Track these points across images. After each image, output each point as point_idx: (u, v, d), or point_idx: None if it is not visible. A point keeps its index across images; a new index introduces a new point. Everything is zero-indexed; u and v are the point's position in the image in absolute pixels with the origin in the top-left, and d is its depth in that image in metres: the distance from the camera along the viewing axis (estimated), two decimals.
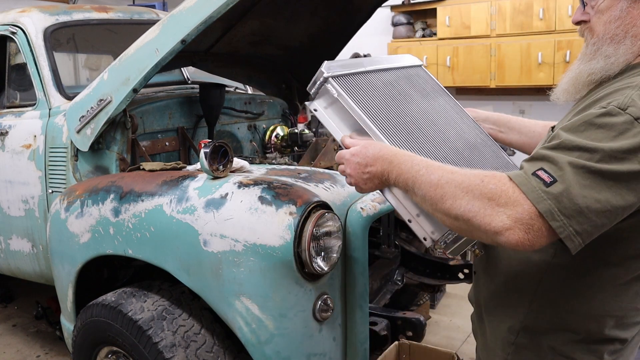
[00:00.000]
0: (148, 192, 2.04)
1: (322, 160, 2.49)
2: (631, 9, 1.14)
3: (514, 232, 0.99)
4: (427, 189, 1.08)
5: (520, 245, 1.00)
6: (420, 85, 1.57)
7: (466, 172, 1.07)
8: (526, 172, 1.03)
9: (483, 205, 1.01)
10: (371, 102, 1.31)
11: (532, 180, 1.00)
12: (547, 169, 1.01)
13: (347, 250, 1.93)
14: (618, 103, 1.03)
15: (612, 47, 1.16)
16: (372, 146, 1.19)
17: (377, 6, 3.02)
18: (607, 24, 1.17)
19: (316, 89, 1.28)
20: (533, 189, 0.99)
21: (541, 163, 1.03)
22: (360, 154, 1.20)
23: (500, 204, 1.00)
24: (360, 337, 1.97)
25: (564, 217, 0.98)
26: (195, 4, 2.05)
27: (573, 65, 1.27)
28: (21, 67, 2.88)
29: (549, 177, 0.99)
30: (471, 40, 6.24)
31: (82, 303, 2.27)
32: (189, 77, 3.38)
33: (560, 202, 0.98)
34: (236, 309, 1.81)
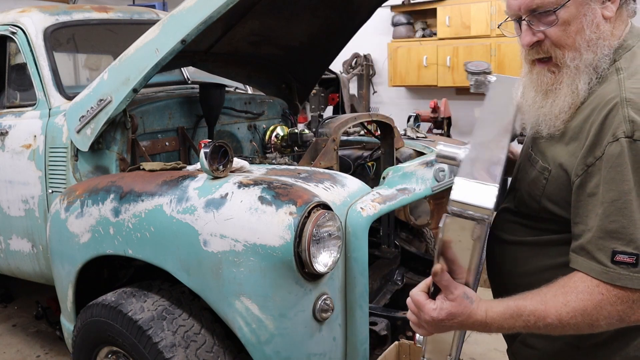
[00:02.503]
0: (148, 192, 2.04)
1: (322, 160, 2.49)
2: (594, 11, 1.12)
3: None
4: (552, 331, 1.07)
5: None
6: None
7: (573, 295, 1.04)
8: (605, 264, 1.02)
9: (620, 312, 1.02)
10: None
11: (621, 271, 1.01)
12: (620, 249, 1.01)
13: (347, 250, 1.93)
14: (624, 132, 1.02)
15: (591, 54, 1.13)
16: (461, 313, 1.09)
17: (377, 6, 3.02)
18: (580, 33, 1.12)
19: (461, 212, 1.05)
20: (630, 278, 1.00)
21: (609, 243, 1.02)
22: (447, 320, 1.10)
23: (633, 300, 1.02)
24: (360, 337, 1.97)
25: None
26: (195, 4, 2.05)
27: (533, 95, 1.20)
28: (21, 67, 2.88)
29: (630, 258, 1.00)
30: (471, 40, 6.24)
31: (82, 303, 2.27)
32: (189, 77, 3.38)
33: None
34: (236, 309, 1.81)
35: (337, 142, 2.55)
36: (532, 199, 1.22)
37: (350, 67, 7.50)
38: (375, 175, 2.94)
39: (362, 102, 7.39)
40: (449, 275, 1.10)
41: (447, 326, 1.13)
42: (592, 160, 1.07)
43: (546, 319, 1.05)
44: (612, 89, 1.10)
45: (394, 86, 7.19)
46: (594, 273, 1.04)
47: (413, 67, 6.75)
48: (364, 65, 7.49)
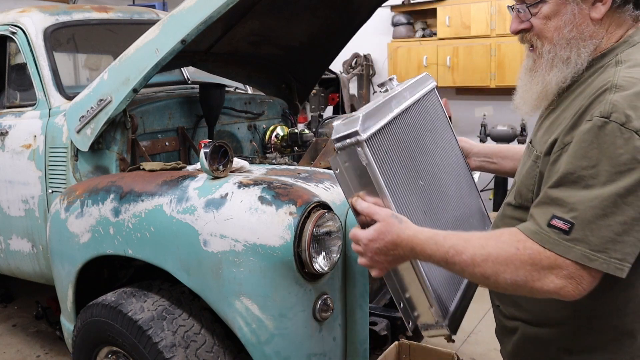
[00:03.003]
0: (148, 192, 2.04)
1: (322, 160, 2.49)
2: (581, 10, 1.14)
3: (567, 288, 1.01)
4: (464, 268, 1.09)
5: (578, 295, 1.01)
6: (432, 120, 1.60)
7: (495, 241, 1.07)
8: (540, 224, 1.03)
9: (528, 273, 1.02)
10: (392, 166, 1.29)
11: (551, 234, 1.01)
12: (559, 215, 1.01)
13: (347, 250, 1.93)
14: (600, 112, 1.02)
15: (573, 52, 1.15)
16: (390, 230, 1.15)
17: (377, 6, 3.02)
18: (558, 30, 1.16)
19: (344, 145, 1.19)
20: (557, 242, 1.00)
21: (551, 208, 1.03)
22: (379, 240, 1.16)
23: (544, 267, 1.01)
24: (360, 337, 1.97)
25: (600, 253, 0.98)
26: (195, 4, 2.05)
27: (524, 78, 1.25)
28: (21, 67, 2.88)
29: (565, 224, 1.00)
30: (471, 40, 6.24)
31: (82, 303, 2.27)
32: (189, 77, 3.38)
33: (589, 242, 0.98)
34: (236, 309, 1.81)
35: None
36: (527, 189, 1.22)
37: (350, 67, 7.50)
38: None
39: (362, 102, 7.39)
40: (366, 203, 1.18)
41: (385, 251, 1.16)
42: (569, 139, 1.07)
43: (461, 255, 1.07)
44: (606, 77, 1.10)
45: None
46: (527, 231, 1.05)
47: (413, 67, 6.75)
48: (364, 65, 7.49)
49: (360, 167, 1.18)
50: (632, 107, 1.00)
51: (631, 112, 0.99)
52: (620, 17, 1.15)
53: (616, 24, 1.15)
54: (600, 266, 0.99)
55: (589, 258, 0.98)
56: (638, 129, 0.98)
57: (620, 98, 1.02)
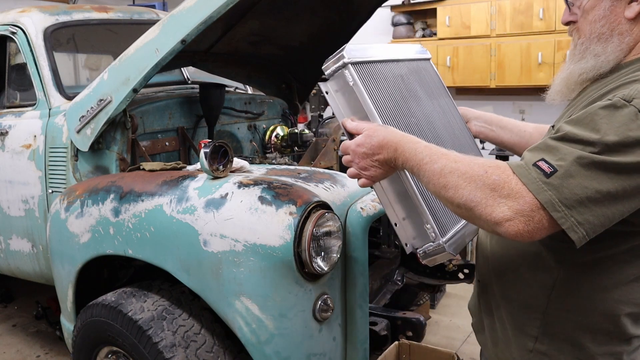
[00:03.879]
0: (148, 192, 2.04)
1: (322, 160, 2.49)
2: (614, 7, 1.16)
3: (513, 223, 0.99)
4: (431, 177, 1.09)
5: (519, 237, 1.00)
6: (426, 81, 1.59)
7: (470, 161, 1.07)
8: (527, 162, 1.03)
9: (485, 195, 1.01)
10: (381, 95, 1.31)
11: (533, 172, 1.01)
12: (548, 160, 1.01)
13: (347, 250, 1.93)
14: (623, 95, 1.02)
15: (600, 46, 1.18)
16: (376, 133, 1.18)
17: (377, 6, 3.02)
18: (592, 24, 1.19)
19: (332, 71, 1.27)
20: (533, 180, 0.99)
21: (543, 153, 1.03)
22: (366, 143, 1.18)
23: (503, 195, 1.00)
24: (360, 337, 1.97)
25: (565, 207, 0.98)
26: (195, 4, 2.05)
27: (564, 65, 1.28)
28: (21, 67, 2.88)
29: (549, 168, 1.00)
30: (471, 40, 6.24)
31: (82, 303, 2.27)
32: (189, 77, 3.38)
33: (561, 192, 0.98)
34: (236, 309, 1.81)
35: (337, 142, 2.55)
36: None
37: None
38: None
39: None
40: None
41: (371, 154, 1.17)
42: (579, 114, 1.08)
43: (433, 164, 1.08)
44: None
45: None
46: (512, 164, 1.04)
47: None
48: None
49: (348, 89, 1.23)
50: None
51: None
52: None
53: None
54: (560, 219, 0.98)
55: (553, 206, 0.98)
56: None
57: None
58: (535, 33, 5.79)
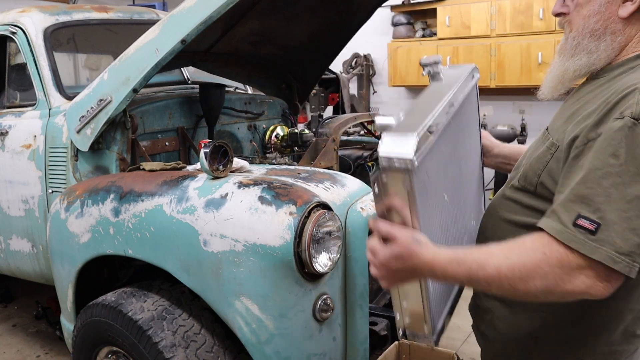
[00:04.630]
0: (148, 192, 2.04)
1: (322, 160, 2.49)
2: (609, 4, 1.15)
3: (596, 288, 1.01)
4: (490, 283, 1.07)
5: (608, 293, 1.02)
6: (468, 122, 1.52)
7: (518, 249, 1.06)
8: (566, 224, 1.03)
9: (557, 276, 1.02)
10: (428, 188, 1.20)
11: (578, 234, 1.01)
12: (585, 214, 1.01)
13: (347, 250, 1.93)
14: (632, 112, 1.02)
15: (593, 43, 1.17)
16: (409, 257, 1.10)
17: (377, 6, 3.02)
18: (586, 18, 1.18)
19: (390, 165, 1.07)
20: (583, 243, 1.00)
21: (577, 207, 1.02)
22: (398, 263, 1.11)
23: (573, 267, 1.01)
24: (360, 337, 1.97)
25: (625, 256, 0.99)
26: (195, 4, 2.05)
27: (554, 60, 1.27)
28: (21, 67, 2.88)
29: (591, 224, 1.00)
30: (471, 40, 6.24)
31: (82, 303, 2.27)
32: (189, 77, 3.38)
33: (614, 244, 0.99)
34: (236, 309, 1.81)
35: (337, 142, 2.55)
36: (534, 173, 1.22)
37: (350, 67, 7.49)
38: None
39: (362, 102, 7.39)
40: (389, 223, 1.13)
41: (402, 273, 1.13)
42: (594, 135, 1.06)
43: (486, 269, 1.05)
44: (638, 76, 1.10)
45: (394, 86, 7.19)
46: (552, 230, 1.04)
47: (413, 67, 6.75)
48: (364, 65, 7.49)
49: (400, 191, 1.10)
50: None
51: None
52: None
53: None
54: (624, 269, 0.99)
55: (613, 260, 0.99)
56: None
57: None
58: (535, 33, 5.79)
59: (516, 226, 1.27)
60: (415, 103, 1.28)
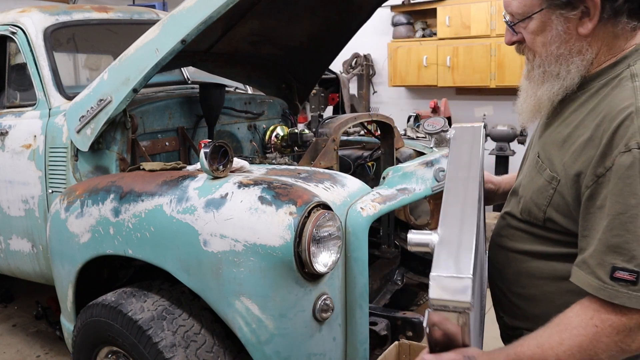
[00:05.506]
0: (148, 192, 2.04)
1: (322, 160, 2.49)
2: (568, 27, 1.12)
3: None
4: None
5: None
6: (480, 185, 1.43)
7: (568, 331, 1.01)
8: (603, 279, 0.98)
9: (620, 342, 0.97)
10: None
11: (619, 288, 0.96)
12: (620, 265, 0.97)
13: (347, 250, 1.93)
14: (638, 143, 0.98)
15: (561, 67, 1.15)
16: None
17: (377, 6, 3.02)
18: (546, 46, 1.15)
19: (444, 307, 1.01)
20: (628, 296, 0.95)
21: (609, 258, 0.98)
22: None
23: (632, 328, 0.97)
24: (360, 337, 1.97)
25: None
26: (195, 4, 2.05)
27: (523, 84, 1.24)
28: (21, 67, 2.88)
29: (630, 275, 0.95)
30: (471, 40, 6.24)
31: (82, 303, 2.27)
32: (189, 77, 3.38)
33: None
34: (236, 309, 1.81)
35: (337, 142, 2.55)
36: (538, 208, 1.18)
37: (350, 67, 7.49)
38: (375, 175, 2.94)
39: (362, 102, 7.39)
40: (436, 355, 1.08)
41: None
42: (602, 170, 1.03)
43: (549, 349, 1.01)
44: (626, 97, 1.06)
45: (394, 86, 7.19)
46: (590, 288, 1.01)
47: (413, 67, 6.75)
48: (364, 65, 7.49)
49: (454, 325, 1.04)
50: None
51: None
52: (615, 30, 1.12)
53: (612, 36, 1.13)
54: None
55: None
56: None
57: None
58: None
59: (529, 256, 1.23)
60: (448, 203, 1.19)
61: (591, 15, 1.10)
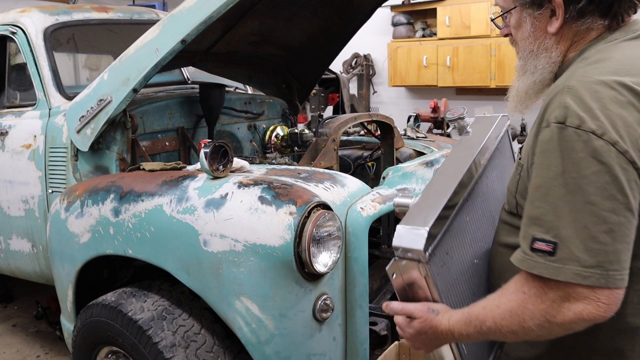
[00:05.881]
0: (148, 192, 2.04)
1: (322, 160, 2.49)
2: (538, 24, 1.17)
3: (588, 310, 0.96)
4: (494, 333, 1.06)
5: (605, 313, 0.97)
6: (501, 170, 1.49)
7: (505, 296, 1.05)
8: (525, 251, 1.01)
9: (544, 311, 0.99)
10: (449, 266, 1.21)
11: (537, 259, 0.98)
12: (539, 236, 0.99)
13: (347, 250, 1.93)
14: (556, 117, 1.00)
15: (532, 62, 1.20)
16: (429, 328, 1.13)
17: (377, 6, 3.02)
18: (523, 40, 1.21)
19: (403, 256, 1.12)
20: (547, 267, 0.97)
21: (530, 230, 1.01)
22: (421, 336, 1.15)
23: (555, 298, 0.98)
24: (360, 337, 1.97)
25: (594, 269, 0.94)
26: (195, 4, 2.05)
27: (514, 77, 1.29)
28: (21, 67, 2.88)
29: (547, 245, 0.97)
30: (471, 40, 6.25)
31: (82, 303, 2.27)
32: (189, 77, 3.38)
33: (578, 259, 0.95)
34: (236, 309, 1.81)
35: (337, 142, 2.55)
36: (511, 194, 1.21)
37: (350, 67, 7.50)
38: (375, 175, 2.94)
39: (362, 102, 7.39)
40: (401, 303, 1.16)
41: (429, 342, 1.16)
42: (534, 148, 1.06)
43: (486, 322, 1.05)
44: (563, 78, 1.10)
45: (394, 86, 7.19)
46: (516, 261, 1.03)
47: (413, 67, 6.76)
48: (364, 65, 7.49)
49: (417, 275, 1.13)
50: (584, 108, 0.98)
51: (584, 114, 0.97)
52: (581, 29, 1.15)
53: (581, 35, 1.15)
54: (598, 282, 0.94)
55: (582, 276, 0.94)
56: (594, 129, 0.95)
57: (571, 101, 1.00)
58: None
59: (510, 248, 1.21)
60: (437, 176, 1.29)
61: (557, 15, 1.14)
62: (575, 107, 0.98)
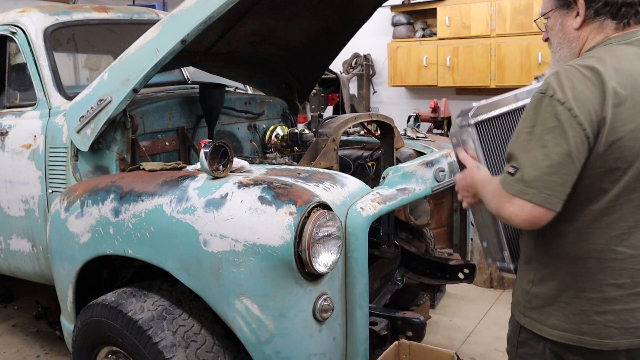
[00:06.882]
0: (148, 192, 2.04)
1: (322, 160, 2.49)
2: (565, 22, 1.52)
3: (515, 214, 1.37)
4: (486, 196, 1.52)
5: (527, 222, 1.37)
6: None
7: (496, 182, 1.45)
8: (504, 173, 1.41)
9: (498, 202, 1.43)
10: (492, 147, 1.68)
11: (506, 177, 1.39)
12: (511, 164, 1.39)
13: (347, 250, 1.93)
14: (540, 89, 1.39)
15: (560, 53, 1.56)
16: (469, 175, 1.60)
17: (377, 6, 3.02)
18: (554, 37, 1.57)
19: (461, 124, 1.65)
20: (506, 182, 1.39)
21: (510, 161, 1.41)
22: (463, 180, 1.63)
23: (504, 198, 1.40)
24: (360, 337, 1.97)
25: (531, 188, 1.34)
26: (195, 4, 2.05)
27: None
28: (21, 67, 2.88)
29: (513, 169, 1.38)
30: (471, 40, 6.24)
31: (82, 303, 2.27)
32: (189, 77, 3.37)
33: (525, 181, 1.35)
34: (236, 309, 1.81)
35: (337, 142, 2.55)
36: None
37: (350, 67, 7.49)
38: (375, 175, 2.94)
39: (362, 102, 7.39)
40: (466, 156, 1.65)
41: (466, 187, 1.62)
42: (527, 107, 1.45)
43: (487, 186, 1.51)
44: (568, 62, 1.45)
45: (394, 86, 7.19)
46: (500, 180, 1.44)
47: (413, 67, 6.75)
48: (364, 65, 7.49)
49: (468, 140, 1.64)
50: (559, 85, 1.36)
51: (557, 88, 1.35)
52: (599, 25, 1.48)
53: (596, 31, 1.48)
54: (532, 198, 1.33)
55: (522, 191, 1.34)
56: (559, 98, 1.34)
57: (552, 78, 1.38)
58: (535, 33, 5.77)
59: None
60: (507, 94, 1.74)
61: (580, 14, 1.48)
62: (553, 83, 1.38)
